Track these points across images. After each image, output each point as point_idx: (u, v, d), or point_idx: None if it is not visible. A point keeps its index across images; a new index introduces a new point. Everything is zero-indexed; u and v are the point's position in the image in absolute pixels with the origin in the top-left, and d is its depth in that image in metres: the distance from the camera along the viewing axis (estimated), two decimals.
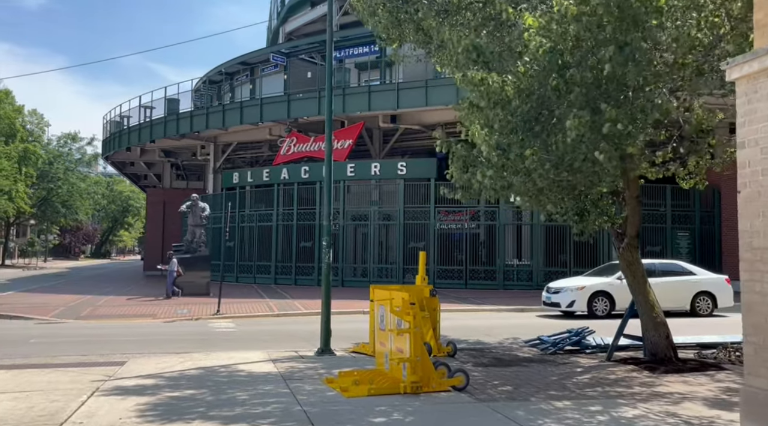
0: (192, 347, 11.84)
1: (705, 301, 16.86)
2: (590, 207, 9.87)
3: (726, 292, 16.98)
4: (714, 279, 17.33)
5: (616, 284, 16.24)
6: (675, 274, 17.03)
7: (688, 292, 16.81)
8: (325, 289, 10.64)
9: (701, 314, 16.68)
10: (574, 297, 16.58)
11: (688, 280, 16.95)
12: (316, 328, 14.43)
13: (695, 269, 17.66)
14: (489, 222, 25.11)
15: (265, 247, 28.77)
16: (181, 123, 31.42)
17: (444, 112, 26.45)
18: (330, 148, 10.88)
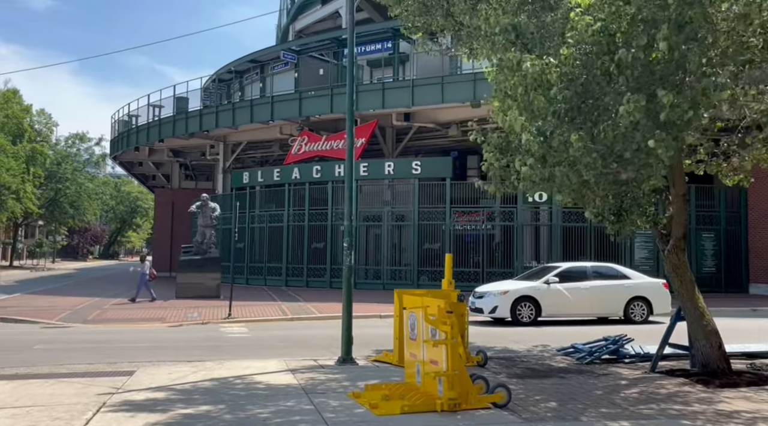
0: (204, 354, 11.20)
1: (640, 307, 15.68)
2: (631, 206, 9.15)
3: (662, 298, 15.84)
4: (650, 283, 16.23)
5: (542, 289, 15.36)
6: (609, 277, 15.95)
7: (621, 297, 15.68)
8: (346, 293, 9.97)
9: (635, 321, 15.50)
10: (496, 302, 15.39)
11: (622, 285, 15.78)
12: (333, 334, 13.81)
13: (630, 273, 16.56)
14: (506, 222, 24.38)
15: (276, 249, 28.15)
16: (190, 122, 30.85)
17: (459, 110, 25.77)
18: (351, 143, 10.21)
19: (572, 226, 23.94)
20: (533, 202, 24.07)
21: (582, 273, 15.88)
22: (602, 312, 15.54)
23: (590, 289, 15.41)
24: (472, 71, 23.76)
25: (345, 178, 10.29)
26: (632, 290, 15.80)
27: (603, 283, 15.65)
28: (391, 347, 11.83)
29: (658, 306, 15.78)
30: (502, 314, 15.41)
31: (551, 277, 15.51)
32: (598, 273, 16.05)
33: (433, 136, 28.69)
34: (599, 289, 15.49)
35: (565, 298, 15.33)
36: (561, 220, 23.84)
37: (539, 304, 15.24)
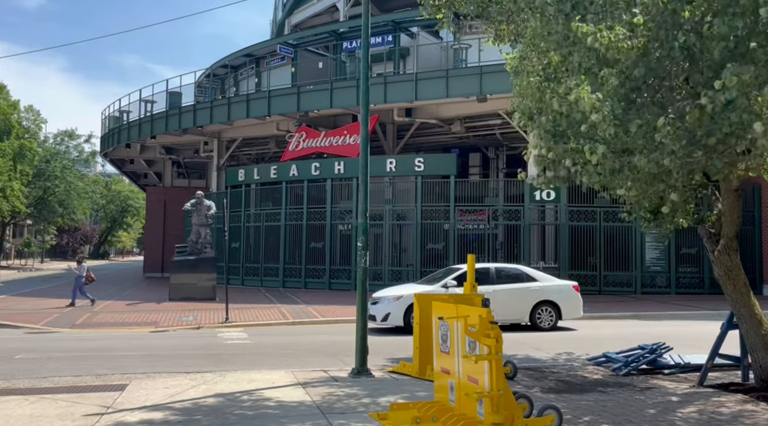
0: (203, 364, 10.26)
1: (547, 312, 14.46)
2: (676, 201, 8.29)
3: (573, 302, 14.73)
4: (560, 286, 15.02)
5: (439, 293, 13.67)
6: (514, 280, 14.66)
7: (527, 301, 14.40)
8: (360, 297, 9.07)
9: (542, 327, 14.31)
10: (389, 308, 13.92)
11: (528, 288, 14.49)
12: (340, 340, 12.91)
13: (539, 275, 15.33)
14: (512, 222, 23.54)
15: (273, 249, 27.18)
16: (183, 117, 29.81)
17: (463, 105, 24.93)
18: (366, 133, 9.33)
19: (580, 225, 23.13)
20: (540, 200, 23.26)
21: (485, 275, 14.35)
22: (506, 318, 13.80)
23: (492, 293, 13.67)
24: (478, 64, 22.93)
25: (359, 172, 9.40)
26: (539, 294, 14.51)
27: (507, 287, 14.31)
28: (405, 356, 10.97)
29: (567, 311, 14.61)
30: (394, 322, 13.86)
31: (450, 280, 14.00)
32: (503, 275, 14.72)
33: (435, 133, 27.83)
34: (502, 293, 14.05)
35: None
36: (568, 219, 23.02)
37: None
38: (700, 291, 22.93)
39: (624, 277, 23.31)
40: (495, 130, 26.52)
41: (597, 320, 16.58)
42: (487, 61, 22.92)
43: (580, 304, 14.81)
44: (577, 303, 14.77)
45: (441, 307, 6.81)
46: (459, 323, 6.24)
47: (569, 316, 14.70)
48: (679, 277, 23.06)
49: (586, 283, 23.13)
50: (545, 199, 23.22)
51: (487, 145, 29.51)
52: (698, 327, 15.05)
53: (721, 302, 20.69)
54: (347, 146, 25.82)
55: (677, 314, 17.49)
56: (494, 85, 22.37)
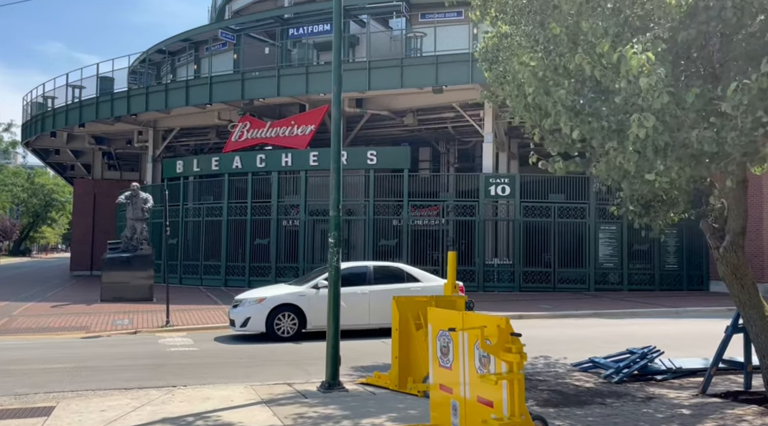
0: (146, 378, 8.94)
1: None
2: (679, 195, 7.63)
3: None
4: (442, 287, 13.58)
5: (309, 295, 12.75)
6: (394, 280, 13.52)
7: None
8: (332, 302, 7.99)
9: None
10: (250, 312, 12.59)
11: (407, 289, 13.21)
12: (299, 347, 11.79)
13: (422, 274, 14.13)
14: (466, 217, 22.87)
15: (214, 245, 25.57)
16: (116, 104, 27.70)
17: (417, 97, 24.10)
18: (339, 116, 8.29)
19: (535, 221, 22.71)
20: (495, 195, 22.70)
21: (362, 275, 13.36)
22: (383, 321, 12.53)
23: (369, 294, 12.99)
24: (434, 54, 22.10)
25: (331, 159, 8.37)
26: (421, 294, 13.58)
27: (385, 288, 13.06)
28: (374, 363, 10.01)
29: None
30: (255, 327, 12.53)
31: (321, 280, 12.74)
32: (382, 275, 13.55)
33: (386, 126, 26.88)
34: (380, 295, 12.89)
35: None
36: (523, 215, 22.56)
37: (304, 315, 12.60)
38: (651, 287, 22.94)
39: (578, 273, 23.05)
40: (447, 123, 25.82)
41: (559, 319, 16.06)
42: (443, 50, 22.17)
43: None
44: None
45: (440, 314, 5.83)
46: (466, 334, 5.28)
47: None
48: (631, 273, 23.00)
49: (541, 280, 22.79)
50: (500, 195, 22.68)
51: (438, 139, 28.80)
52: (664, 326, 14.72)
53: (675, 299, 20.77)
54: (295, 137, 24.56)
55: (637, 312, 17.19)
56: (450, 75, 21.64)
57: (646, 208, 8.75)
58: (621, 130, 5.21)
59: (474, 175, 24.04)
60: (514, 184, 22.55)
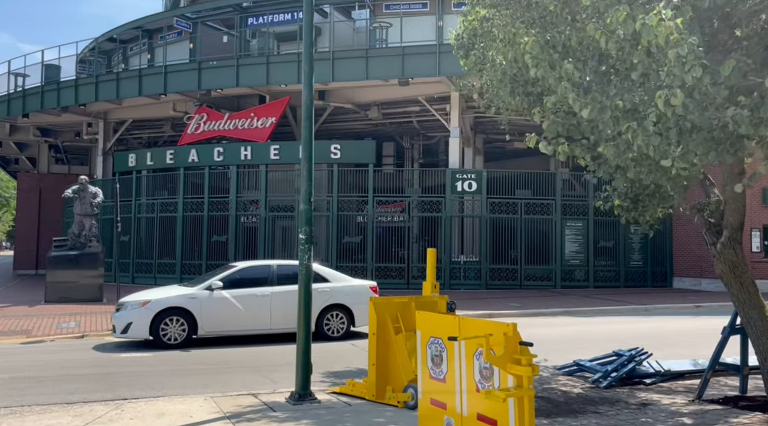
0: (92, 389, 8.05)
1: (338, 318, 12.37)
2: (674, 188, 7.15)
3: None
4: (353, 287, 12.81)
5: (201, 298, 11.65)
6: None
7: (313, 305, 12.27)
8: (303, 304, 7.26)
9: (331, 336, 12.19)
10: (132, 317, 11.46)
11: (315, 290, 11.65)
12: (261, 351, 10.99)
13: (331, 274, 13.04)
14: (433, 213, 22.33)
15: (169, 242, 24.37)
16: (62, 94, 26.17)
17: (382, 90, 23.44)
18: (310, 99, 7.50)
19: (501, 217, 22.33)
20: (462, 191, 22.22)
21: (263, 275, 12.31)
22: (287, 325, 11.56)
23: (271, 296, 11.95)
24: (400, 45, 21.46)
25: (302, 147, 7.58)
26: (328, 296, 12.33)
27: (290, 289, 11.72)
28: (344, 368, 9.33)
29: (362, 316, 12.01)
30: (138, 334, 11.41)
31: (215, 281, 11.92)
32: (287, 275, 12.29)
33: (350, 119, 26.14)
34: (283, 296, 11.88)
35: (233, 308, 11.75)
36: (489, 211, 22.14)
37: (195, 319, 11.53)
38: (616, 284, 22.84)
39: (544, 270, 22.79)
40: (413, 117, 25.25)
41: (530, 318, 15.62)
42: (409, 41, 21.55)
43: None
44: None
45: (432, 319, 5.17)
46: (463, 343, 4.63)
47: (364, 322, 12.05)
48: (597, 270, 22.86)
49: (507, 277, 22.44)
50: (466, 190, 22.21)
51: (402, 134, 28.22)
52: (637, 324, 14.43)
53: (641, 296, 20.62)
54: (254, 130, 23.59)
55: (607, 310, 16.92)
56: (417, 68, 21.04)
57: (635, 202, 8.29)
58: (636, 109, 4.64)
59: (440, 170, 23.53)
60: (481, 179, 22.11)
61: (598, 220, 22.81)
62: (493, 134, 26.67)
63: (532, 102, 7.77)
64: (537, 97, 7.86)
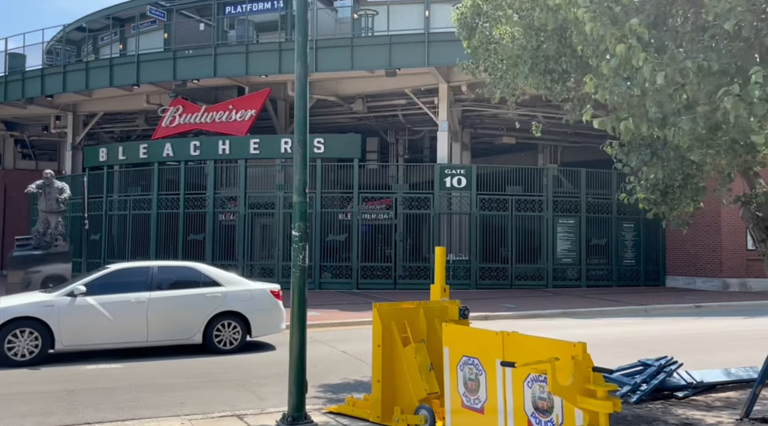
0: (49, 411, 6.97)
1: (231, 328, 10.70)
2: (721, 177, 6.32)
3: (271, 313, 11.04)
4: (249, 292, 11.10)
5: (61, 305, 9.95)
6: (186, 284, 10.81)
7: (201, 312, 10.57)
8: (297, 310, 6.26)
9: (221, 349, 10.53)
10: None
11: (202, 295, 10.69)
12: (244, 361, 9.96)
13: (223, 277, 11.19)
14: (420, 210, 21.40)
15: (142, 241, 23.10)
16: (27, 84, 24.76)
17: (367, 82, 22.49)
18: (305, 72, 6.53)
19: (492, 214, 21.50)
20: (451, 187, 21.33)
21: (140, 279, 10.60)
22: (168, 337, 10.40)
23: (148, 302, 10.28)
24: (387, 34, 20.50)
25: (296, 130, 6.58)
26: (218, 302, 10.69)
27: (172, 294, 10.55)
28: (339, 380, 8.38)
29: (260, 325, 10.92)
30: None
31: (78, 285, 10.27)
32: (169, 278, 10.84)
33: (333, 113, 25.10)
34: (163, 303, 10.38)
35: (99, 318, 10.04)
36: (479, 208, 21.29)
37: (51, 331, 9.78)
38: (609, 284, 22.18)
39: (535, 269, 22.04)
40: (398, 111, 24.31)
41: (528, 320, 14.79)
42: (397, 30, 20.61)
43: (281, 315, 11.08)
44: (276, 314, 11.10)
45: (463, 334, 4.24)
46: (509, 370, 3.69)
47: (263, 332, 11.12)
48: (589, 269, 22.16)
49: (498, 276, 21.63)
50: (456, 186, 21.33)
51: (387, 129, 27.26)
52: (642, 326, 13.68)
53: (636, 295, 19.84)
54: (233, 123, 22.45)
55: (606, 311, 16.17)
56: (405, 58, 20.11)
57: (664, 195, 7.44)
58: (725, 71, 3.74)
59: (428, 166, 22.64)
60: (471, 175, 21.26)
61: (591, 217, 22.13)
62: (481, 129, 25.85)
63: (554, 80, 6.89)
64: (561, 75, 6.97)
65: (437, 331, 6.73)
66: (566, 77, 6.92)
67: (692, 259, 21.84)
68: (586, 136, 27.44)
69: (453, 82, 21.37)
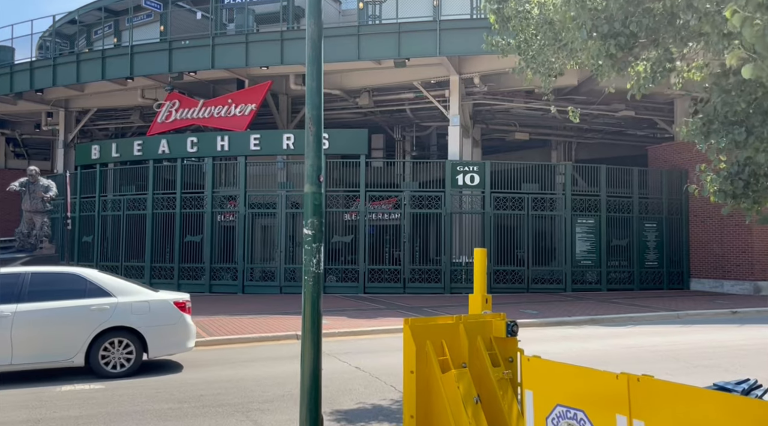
0: None
1: (121, 347, 9.02)
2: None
3: (175, 328, 9.36)
4: (149, 304, 9.28)
5: None
6: (65, 295, 9.02)
7: (83, 328, 8.87)
8: (310, 322, 5.04)
9: (110, 373, 8.88)
10: None
11: (85, 308, 8.94)
12: (246, 378, 8.69)
13: (115, 285, 9.38)
14: (431, 210, 20.16)
15: (137, 243, 21.87)
16: (16, 78, 23.56)
17: (373, 74, 21.33)
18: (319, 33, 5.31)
19: (507, 214, 20.28)
20: (463, 185, 20.11)
21: (6, 288, 8.82)
22: (38, 359, 8.69)
23: (11, 317, 8.56)
24: (395, 22, 19.29)
25: (308, 102, 5.37)
26: (106, 316, 8.95)
27: (46, 307, 8.80)
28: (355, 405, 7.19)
29: (160, 343, 9.20)
30: None
31: None
32: (46, 287, 9.04)
33: (337, 108, 23.88)
34: (31, 317, 8.66)
35: None
36: (494, 207, 20.06)
37: None
38: (630, 287, 20.94)
39: (553, 272, 20.82)
40: (406, 105, 23.10)
41: (554, 328, 13.60)
42: (405, 17, 19.42)
43: (188, 331, 9.45)
44: (181, 330, 9.37)
45: (557, 373, 3.00)
46: None
47: (164, 351, 9.43)
48: (610, 271, 20.92)
49: (513, 279, 20.40)
50: (468, 184, 20.10)
51: (393, 124, 26.08)
52: (682, 336, 12.43)
53: (663, 300, 18.43)
54: (232, 118, 21.25)
55: (636, 317, 14.96)
56: (414, 47, 18.90)
57: (747, 185, 6.22)
58: None
59: (438, 162, 21.39)
60: (484, 172, 20.03)
61: (611, 217, 20.91)
62: (493, 124, 24.66)
63: (619, 45, 5.68)
64: (628, 38, 5.75)
65: (480, 352, 5.52)
66: (633, 42, 5.72)
67: (719, 260, 20.61)
68: (601, 133, 26.30)
69: (465, 74, 20.18)
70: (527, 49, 8.45)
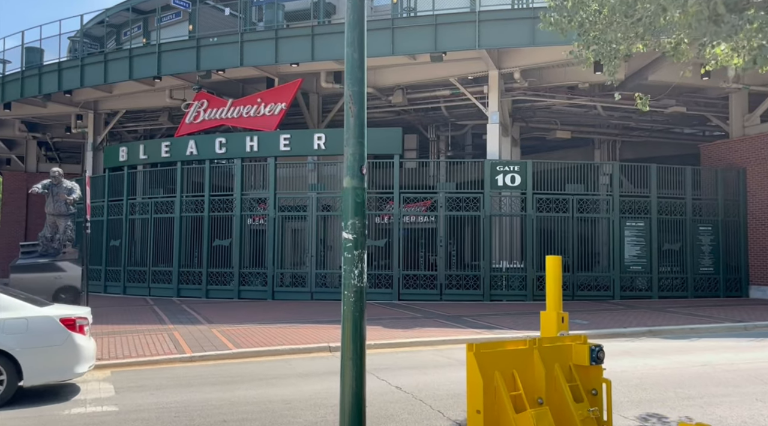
0: None
1: None
2: None
3: (58, 351, 7.97)
4: (26, 321, 7.89)
5: None
6: None
7: None
8: (352, 352, 4.09)
9: None
10: None
11: None
12: (277, 398, 7.74)
13: None
14: (469, 212, 19.10)
15: (165, 247, 21.25)
16: (44, 79, 23.21)
17: (407, 70, 20.43)
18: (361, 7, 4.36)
19: (550, 216, 19.11)
20: (503, 186, 19.00)
21: None
22: None
23: None
24: (432, 14, 18.31)
25: (347, 77, 4.42)
26: None
27: None
28: None
29: (39, 367, 7.82)
30: None
31: None
32: None
33: (368, 107, 22.95)
34: None
35: None
36: (536, 209, 18.92)
37: None
38: (683, 294, 19.56)
39: (600, 278, 19.59)
40: (441, 103, 22.08)
41: (608, 340, 12.37)
42: (442, 9, 18.43)
43: (77, 353, 8.07)
44: (68, 352, 8.01)
45: None
46: None
47: (44, 378, 8.01)
48: (661, 277, 19.58)
49: None
50: (508, 185, 19.00)
51: (427, 123, 25.09)
52: (758, 351, 11.16)
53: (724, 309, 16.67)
54: (262, 118, 20.53)
55: (698, 328, 13.69)
56: (452, 40, 17.92)
57: None
58: None
59: (475, 162, 20.36)
60: (525, 172, 18.91)
61: (662, 219, 19.58)
62: (533, 122, 23.51)
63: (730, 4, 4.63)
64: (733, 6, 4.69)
65: (558, 384, 4.52)
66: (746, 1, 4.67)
67: None
68: (648, 131, 24.92)
69: (504, 68, 19.12)
70: (590, 28, 7.43)
